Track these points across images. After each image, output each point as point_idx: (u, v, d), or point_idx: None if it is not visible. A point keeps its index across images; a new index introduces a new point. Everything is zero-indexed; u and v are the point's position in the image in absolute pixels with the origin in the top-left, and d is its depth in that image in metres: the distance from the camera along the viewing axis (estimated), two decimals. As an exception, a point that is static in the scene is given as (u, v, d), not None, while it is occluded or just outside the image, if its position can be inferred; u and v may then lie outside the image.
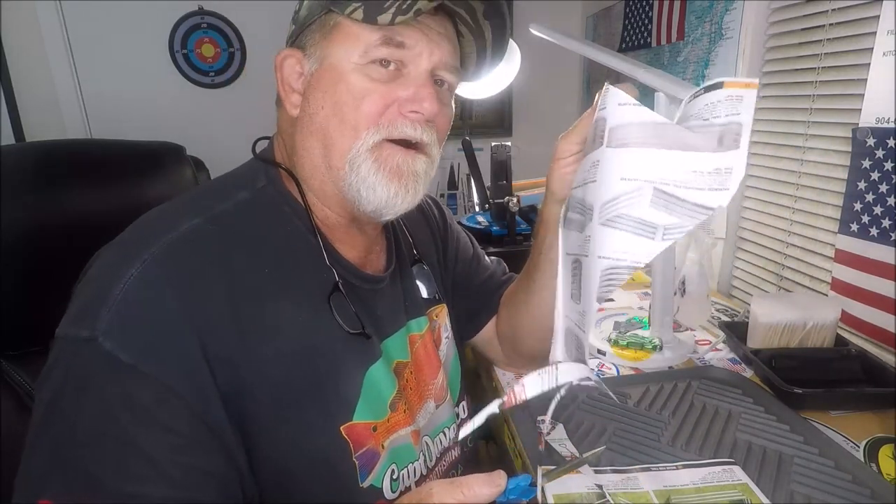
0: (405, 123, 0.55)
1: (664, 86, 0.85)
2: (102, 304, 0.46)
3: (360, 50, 0.54)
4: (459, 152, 1.82)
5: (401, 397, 0.62)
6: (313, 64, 0.56)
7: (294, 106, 0.57)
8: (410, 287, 0.71)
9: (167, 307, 0.47)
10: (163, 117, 2.05)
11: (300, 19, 0.57)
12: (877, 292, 0.95)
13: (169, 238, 0.50)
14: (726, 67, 1.32)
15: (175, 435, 0.46)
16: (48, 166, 0.76)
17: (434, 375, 0.69)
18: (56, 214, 0.74)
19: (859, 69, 0.98)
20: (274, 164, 0.60)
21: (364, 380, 0.57)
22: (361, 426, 0.56)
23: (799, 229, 1.16)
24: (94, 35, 2.00)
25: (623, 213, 0.47)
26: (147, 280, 0.48)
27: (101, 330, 0.45)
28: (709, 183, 0.46)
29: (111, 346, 0.45)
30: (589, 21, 2.16)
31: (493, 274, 0.86)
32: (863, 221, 0.97)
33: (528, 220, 1.62)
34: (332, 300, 0.56)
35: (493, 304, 0.83)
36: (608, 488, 0.58)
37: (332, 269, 0.58)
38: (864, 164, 0.96)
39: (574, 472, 0.62)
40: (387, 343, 0.63)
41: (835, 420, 0.77)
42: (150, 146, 0.88)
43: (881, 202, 0.93)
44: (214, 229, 0.53)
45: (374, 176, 0.55)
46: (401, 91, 0.55)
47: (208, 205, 0.55)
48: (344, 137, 0.55)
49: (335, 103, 0.54)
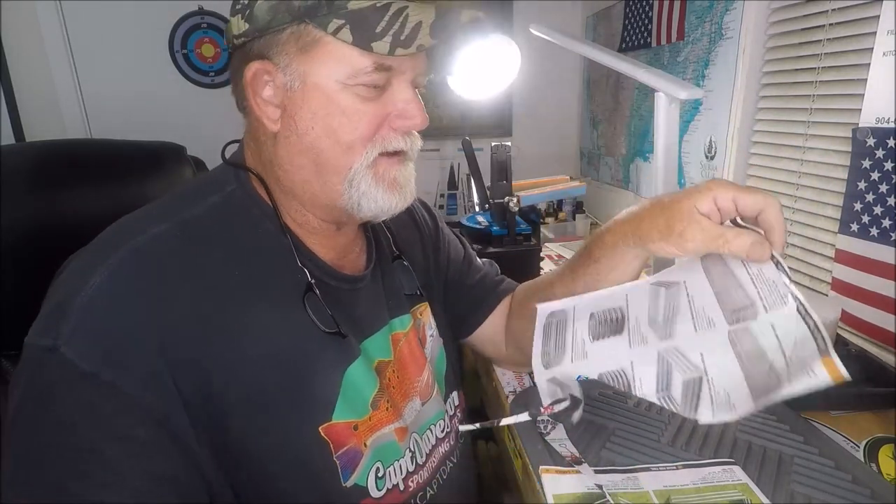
0: (397, 138, 0.57)
1: (664, 86, 0.85)
2: (65, 313, 0.46)
3: (347, 71, 0.53)
4: (459, 152, 1.82)
5: (383, 395, 0.62)
6: (293, 80, 0.54)
7: (272, 121, 0.55)
8: (392, 285, 0.70)
9: (129, 315, 0.47)
10: (163, 117, 2.05)
11: (259, 22, 0.53)
12: (877, 292, 0.95)
13: (134, 244, 0.50)
14: (726, 67, 1.32)
15: (135, 443, 0.46)
16: (48, 166, 0.77)
17: (419, 373, 0.69)
18: (56, 214, 0.74)
19: (859, 69, 0.98)
20: (244, 169, 0.60)
21: (343, 379, 0.58)
22: (341, 425, 0.56)
23: (799, 229, 1.16)
24: (94, 35, 2.00)
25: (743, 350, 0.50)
26: (110, 288, 0.48)
27: (63, 339, 0.45)
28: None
29: (72, 355, 0.45)
30: (589, 21, 2.16)
31: (486, 275, 0.86)
32: (863, 221, 0.97)
33: (528, 220, 1.61)
34: (307, 300, 0.57)
35: (487, 303, 0.83)
36: (608, 488, 0.59)
37: (305, 269, 0.58)
38: (864, 164, 0.96)
39: (573, 472, 0.62)
40: (367, 343, 0.63)
41: (835, 420, 0.77)
42: (150, 146, 0.88)
43: (881, 202, 0.93)
44: (181, 235, 0.53)
45: (375, 190, 0.57)
46: (390, 107, 0.56)
47: (177, 211, 0.55)
48: (339, 157, 0.55)
49: (327, 125, 0.54)
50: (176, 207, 0.56)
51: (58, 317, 0.47)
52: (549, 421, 0.72)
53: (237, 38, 0.55)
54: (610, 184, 2.07)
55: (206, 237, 0.54)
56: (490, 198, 1.57)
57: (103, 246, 0.52)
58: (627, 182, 1.94)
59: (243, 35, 0.54)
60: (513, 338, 0.82)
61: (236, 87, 0.58)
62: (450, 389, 0.76)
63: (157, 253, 0.51)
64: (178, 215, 0.55)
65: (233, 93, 0.59)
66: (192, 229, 0.54)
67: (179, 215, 0.55)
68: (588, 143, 2.27)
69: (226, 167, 0.62)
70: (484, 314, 0.83)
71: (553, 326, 0.65)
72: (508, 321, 0.83)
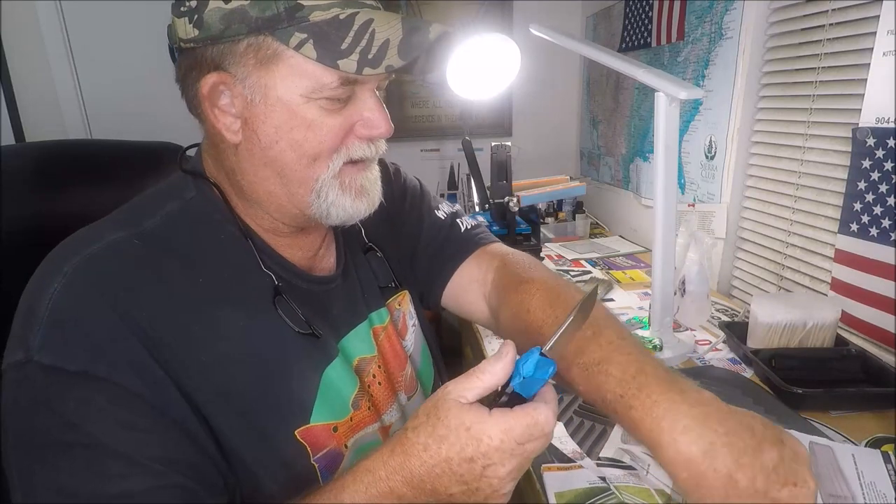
0: (362, 146, 0.56)
1: (664, 86, 0.85)
2: (32, 325, 0.46)
3: (311, 86, 0.51)
4: (459, 152, 1.82)
5: (364, 395, 0.61)
6: (253, 93, 0.52)
7: (233, 132, 0.54)
8: (366, 277, 0.69)
9: (99, 312, 0.47)
10: (163, 117, 2.04)
11: (211, 31, 0.50)
12: (877, 292, 0.95)
13: (90, 251, 0.50)
14: (726, 67, 1.32)
15: (139, 431, 0.45)
16: (48, 166, 0.76)
17: (402, 367, 0.68)
18: (56, 215, 0.73)
19: (859, 69, 0.98)
20: (202, 178, 0.59)
21: (321, 381, 0.57)
22: (319, 428, 0.56)
23: (799, 229, 1.16)
24: (94, 35, 2.00)
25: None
26: (72, 291, 0.47)
27: (35, 349, 0.45)
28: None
29: (52, 360, 0.44)
30: (589, 21, 2.16)
31: (450, 228, 0.78)
32: (863, 221, 0.97)
33: (528, 220, 1.62)
34: (278, 303, 0.56)
35: (451, 264, 0.75)
36: (612, 481, 0.59)
37: (270, 272, 0.57)
38: (864, 164, 0.96)
39: (576, 467, 0.62)
40: (345, 341, 0.63)
41: (835, 420, 0.77)
42: (150, 146, 0.88)
43: (881, 202, 0.93)
44: (139, 243, 0.52)
45: (342, 198, 0.56)
46: (355, 116, 0.55)
47: (134, 220, 0.54)
48: (305, 169, 0.54)
49: (291, 139, 0.53)
50: (133, 217, 0.55)
51: (24, 331, 0.46)
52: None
53: (184, 42, 0.52)
54: (610, 184, 2.07)
55: (165, 245, 0.53)
56: (490, 198, 1.57)
57: (56, 259, 0.50)
58: (627, 182, 1.94)
59: (192, 41, 0.51)
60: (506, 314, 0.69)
61: (187, 92, 0.56)
62: (437, 383, 0.75)
63: (115, 258, 0.50)
64: (136, 224, 0.53)
65: (182, 96, 0.57)
66: (150, 237, 0.53)
67: (137, 224, 0.53)
68: (588, 143, 2.27)
69: (183, 174, 0.60)
70: (449, 271, 0.75)
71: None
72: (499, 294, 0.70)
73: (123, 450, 0.44)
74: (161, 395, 0.47)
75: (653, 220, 0.93)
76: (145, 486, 0.44)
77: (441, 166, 2.30)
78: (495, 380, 0.43)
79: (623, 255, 1.71)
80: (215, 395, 0.50)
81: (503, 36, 1.23)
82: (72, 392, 0.45)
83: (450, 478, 0.43)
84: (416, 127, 2.26)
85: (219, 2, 0.49)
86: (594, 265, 1.61)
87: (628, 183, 1.93)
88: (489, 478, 0.42)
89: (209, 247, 0.56)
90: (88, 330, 0.46)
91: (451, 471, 0.42)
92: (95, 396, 0.45)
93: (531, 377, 0.42)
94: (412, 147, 2.27)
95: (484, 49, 1.19)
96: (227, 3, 0.49)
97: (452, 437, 0.42)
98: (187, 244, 0.55)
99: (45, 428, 0.44)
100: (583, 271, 1.56)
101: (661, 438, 0.45)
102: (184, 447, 0.47)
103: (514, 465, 0.42)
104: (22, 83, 1.92)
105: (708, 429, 0.43)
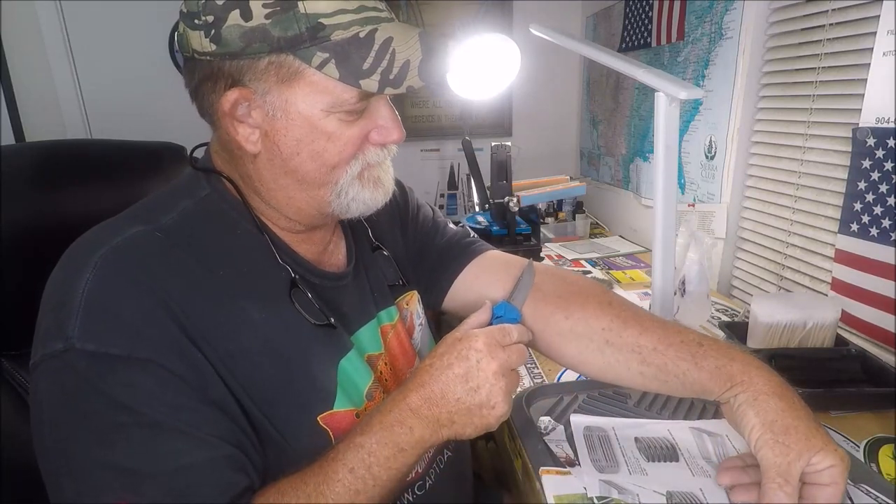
0: (376, 151, 0.59)
1: (664, 86, 0.85)
2: (68, 315, 0.46)
3: (331, 101, 0.53)
4: (459, 152, 1.82)
5: (377, 386, 0.62)
6: (273, 108, 0.53)
7: (252, 143, 0.55)
8: (376, 277, 0.71)
9: (136, 297, 0.48)
10: (163, 117, 2.04)
11: (231, 47, 0.50)
12: (877, 292, 0.95)
13: (115, 242, 0.50)
14: (726, 67, 1.32)
15: (186, 411, 0.47)
16: (48, 166, 0.76)
17: (410, 365, 0.69)
18: (56, 215, 0.73)
19: (859, 69, 0.98)
20: (215, 173, 0.60)
21: (338, 372, 0.58)
22: (342, 414, 0.57)
23: (799, 229, 1.16)
24: (94, 35, 2.00)
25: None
26: (106, 279, 0.48)
27: (75, 337, 0.45)
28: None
29: (95, 346, 0.45)
30: (589, 21, 2.16)
31: (457, 234, 0.81)
32: (863, 221, 0.97)
33: (528, 220, 1.62)
34: (294, 296, 0.57)
35: (459, 261, 0.77)
36: (611, 491, 0.59)
37: (286, 266, 0.58)
38: (864, 164, 0.96)
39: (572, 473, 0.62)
40: (356, 336, 0.64)
41: (835, 420, 0.77)
42: (150, 146, 0.88)
43: (881, 202, 0.93)
44: (160, 236, 0.53)
45: (362, 193, 0.59)
46: (371, 125, 0.57)
47: (152, 216, 0.55)
48: (325, 176, 0.57)
49: (312, 151, 0.55)
50: (149, 214, 0.56)
51: (59, 322, 0.47)
52: (549, 420, 0.72)
53: (199, 55, 0.52)
54: (610, 184, 2.07)
55: (184, 240, 0.54)
56: (490, 198, 1.57)
57: (81, 251, 0.51)
58: (627, 182, 1.94)
59: (209, 55, 0.52)
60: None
61: (200, 100, 0.56)
62: None
63: (142, 248, 0.51)
64: (154, 220, 0.54)
65: (193, 102, 0.58)
66: (168, 233, 0.54)
67: (154, 220, 0.54)
68: (588, 143, 2.27)
69: (194, 172, 0.61)
70: (455, 271, 0.77)
71: (596, 439, 0.69)
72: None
73: (176, 426, 0.46)
74: (201, 377, 0.49)
75: (653, 220, 0.93)
76: (202, 458, 0.46)
77: (441, 166, 2.30)
78: (477, 321, 0.58)
79: (623, 255, 1.71)
80: (240, 383, 0.52)
81: (503, 36, 1.23)
82: (117, 375, 0.46)
83: (453, 379, 0.52)
84: (416, 127, 2.26)
85: (238, 19, 0.50)
86: (594, 265, 1.61)
87: (628, 183, 1.93)
88: (484, 371, 0.52)
89: (225, 241, 0.57)
90: (127, 315, 0.47)
91: (452, 373, 0.53)
92: (141, 378, 0.46)
93: (503, 317, 0.60)
94: (412, 147, 2.27)
95: (484, 49, 1.19)
96: (246, 21, 0.49)
97: (447, 347, 0.54)
98: (204, 239, 0.56)
99: (95, 411, 0.45)
100: (583, 271, 1.56)
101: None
102: (227, 423, 0.49)
103: (500, 362, 0.53)
104: (22, 83, 1.92)
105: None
